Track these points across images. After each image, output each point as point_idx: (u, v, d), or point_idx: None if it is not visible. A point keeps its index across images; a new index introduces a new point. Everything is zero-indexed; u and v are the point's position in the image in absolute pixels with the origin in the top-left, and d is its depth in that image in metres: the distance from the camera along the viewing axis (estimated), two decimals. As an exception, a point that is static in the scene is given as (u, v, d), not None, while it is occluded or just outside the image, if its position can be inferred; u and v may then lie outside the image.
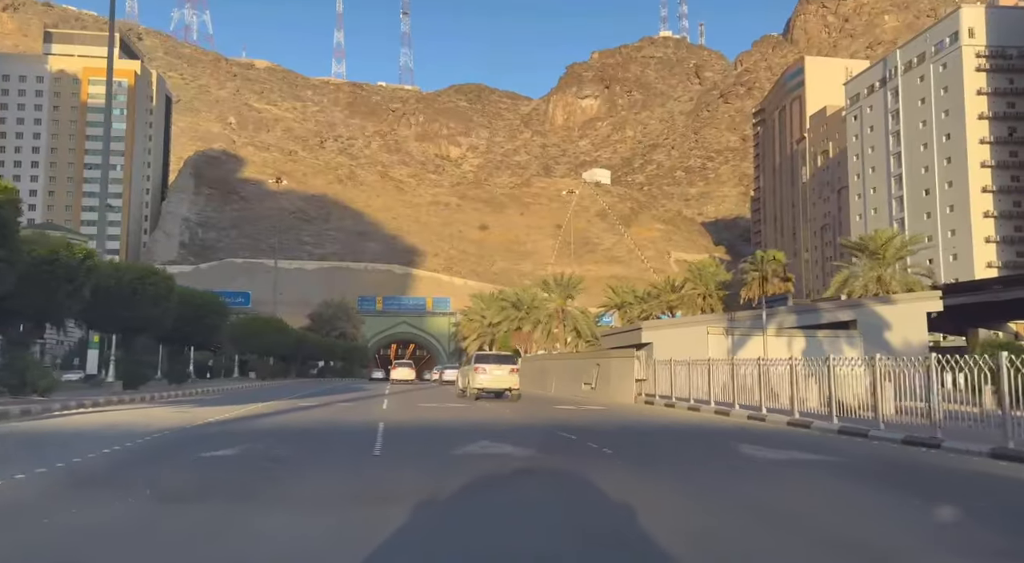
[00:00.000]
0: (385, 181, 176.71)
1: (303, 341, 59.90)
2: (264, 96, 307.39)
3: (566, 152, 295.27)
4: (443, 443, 12.33)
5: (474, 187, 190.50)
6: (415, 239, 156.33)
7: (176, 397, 25.38)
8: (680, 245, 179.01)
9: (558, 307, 55.64)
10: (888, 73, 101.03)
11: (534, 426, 16.60)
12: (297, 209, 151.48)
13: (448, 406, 23.33)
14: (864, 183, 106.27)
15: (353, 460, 10.21)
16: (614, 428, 16.72)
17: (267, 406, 21.43)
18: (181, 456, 10.33)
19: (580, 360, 32.61)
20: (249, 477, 8.54)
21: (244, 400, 24.20)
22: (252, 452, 10.50)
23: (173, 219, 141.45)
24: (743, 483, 8.65)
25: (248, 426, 15.12)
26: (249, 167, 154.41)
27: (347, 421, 17.43)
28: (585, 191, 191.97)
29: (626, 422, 18.28)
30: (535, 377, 40.64)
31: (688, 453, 12.08)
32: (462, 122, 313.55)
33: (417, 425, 16.97)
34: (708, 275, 62.89)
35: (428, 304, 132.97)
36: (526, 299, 69.45)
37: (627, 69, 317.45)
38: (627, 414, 21.11)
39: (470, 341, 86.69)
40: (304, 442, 12.69)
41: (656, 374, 25.73)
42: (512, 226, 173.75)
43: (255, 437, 12.59)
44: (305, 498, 7.18)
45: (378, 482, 8.33)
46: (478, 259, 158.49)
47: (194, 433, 13.42)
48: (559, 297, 55.45)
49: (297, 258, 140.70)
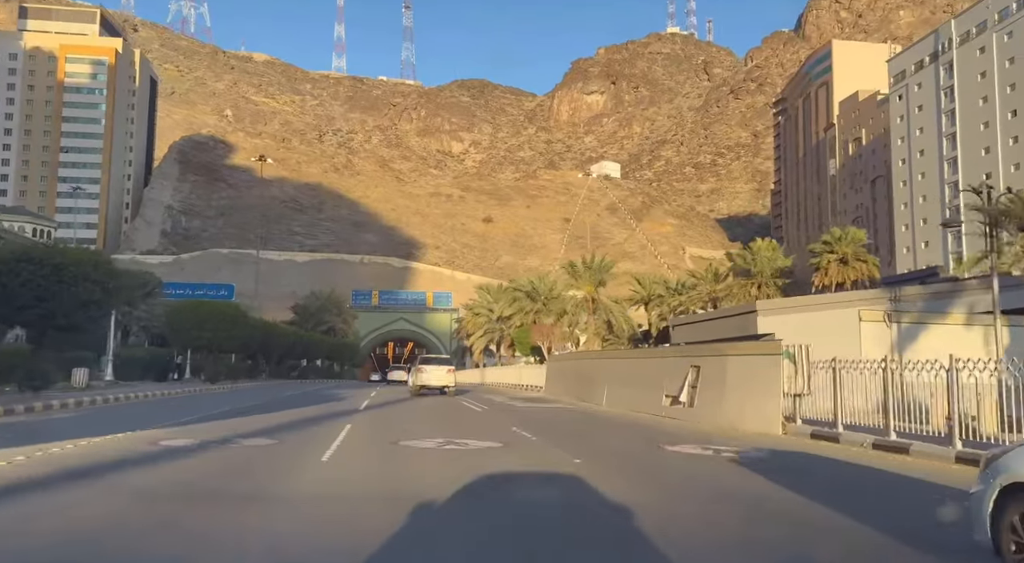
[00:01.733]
0: (384, 171, 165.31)
1: (272, 334, 48.53)
2: (262, 89, 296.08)
3: (571, 148, 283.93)
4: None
5: (477, 179, 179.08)
6: (415, 231, 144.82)
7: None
8: (695, 240, 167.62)
9: (588, 296, 44.17)
10: (940, 46, 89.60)
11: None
12: (289, 198, 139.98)
13: (461, 449, 11.73)
14: (911, 169, 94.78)
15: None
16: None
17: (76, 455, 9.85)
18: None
19: (655, 360, 21.08)
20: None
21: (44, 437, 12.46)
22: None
23: (155, 206, 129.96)
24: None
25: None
26: (239, 153, 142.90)
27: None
28: (594, 184, 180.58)
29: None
30: (572, 382, 29.16)
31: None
32: (465, 117, 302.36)
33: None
34: (764, 260, 51.33)
35: (428, 299, 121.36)
36: (543, 288, 57.98)
37: (634, 65, 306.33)
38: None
39: (475, 338, 75.26)
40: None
41: (814, 384, 14.40)
42: (518, 219, 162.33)
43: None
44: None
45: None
46: (482, 253, 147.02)
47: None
48: (588, 283, 43.92)
49: (288, 249, 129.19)
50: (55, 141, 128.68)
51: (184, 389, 30.16)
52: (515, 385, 45.75)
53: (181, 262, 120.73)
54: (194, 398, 25.47)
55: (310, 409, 20.14)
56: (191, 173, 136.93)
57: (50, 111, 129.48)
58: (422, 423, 16.47)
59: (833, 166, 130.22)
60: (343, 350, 69.61)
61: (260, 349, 49.03)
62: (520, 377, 44.38)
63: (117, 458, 9.72)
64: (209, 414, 17.53)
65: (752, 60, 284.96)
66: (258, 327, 44.38)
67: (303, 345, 61.71)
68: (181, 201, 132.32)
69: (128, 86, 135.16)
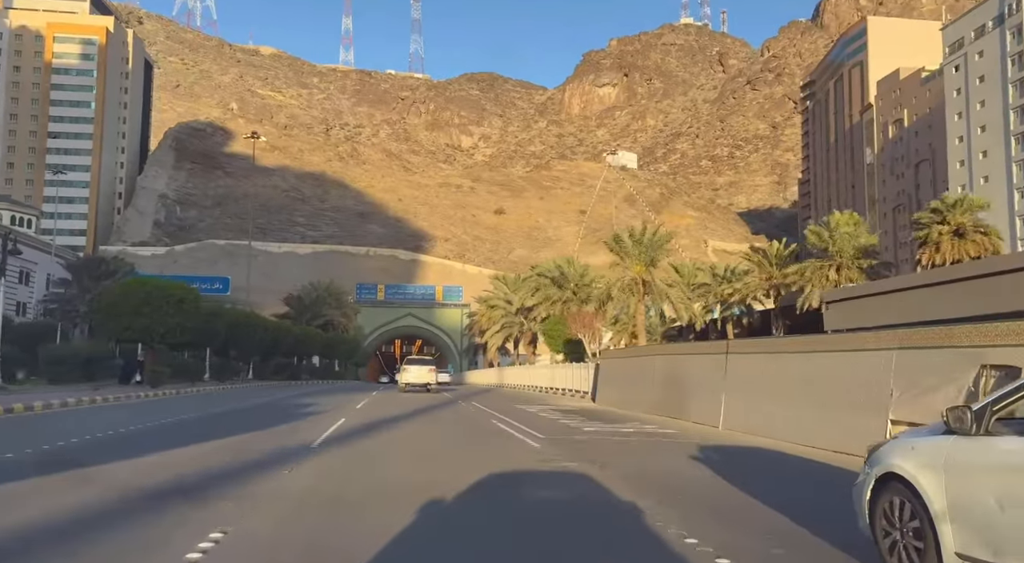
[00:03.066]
0: (390, 160, 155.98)
1: (247, 326, 39.05)
2: (268, 82, 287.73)
3: (583, 141, 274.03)
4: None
5: (488, 170, 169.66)
6: (423, 223, 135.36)
7: None
8: (717, 233, 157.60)
9: (637, 277, 34.44)
10: (1007, 8, 79.49)
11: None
12: (291, 187, 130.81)
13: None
14: (969, 148, 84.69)
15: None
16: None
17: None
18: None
19: (846, 355, 11.32)
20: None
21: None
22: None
23: (148, 196, 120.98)
24: None
25: None
26: (238, 141, 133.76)
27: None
28: (610, 175, 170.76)
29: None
30: (646, 388, 19.71)
31: None
32: (474, 111, 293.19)
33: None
34: (843, 238, 41.53)
35: (438, 294, 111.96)
36: (573, 273, 48.46)
37: (647, 57, 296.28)
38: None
39: (491, 334, 65.84)
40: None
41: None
42: (531, 211, 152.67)
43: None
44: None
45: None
46: (494, 246, 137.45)
47: None
48: (638, 262, 34.23)
49: (288, 241, 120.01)
50: (43, 126, 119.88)
51: (71, 398, 20.72)
52: (546, 389, 36.33)
53: (174, 254, 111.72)
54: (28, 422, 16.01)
55: (205, 447, 10.66)
56: (187, 161, 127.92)
57: (37, 94, 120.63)
58: (428, 503, 6.98)
59: (870, 152, 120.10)
60: (341, 347, 60.09)
61: (232, 343, 39.68)
62: (553, 379, 34.99)
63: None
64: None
65: (769, 50, 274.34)
66: (225, 316, 34.91)
67: (291, 340, 52.33)
68: (176, 190, 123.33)
69: (120, 68, 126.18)
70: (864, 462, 5.06)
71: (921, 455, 4.53)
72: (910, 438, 4.88)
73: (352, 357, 68.15)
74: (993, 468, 4.08)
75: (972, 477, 4.17)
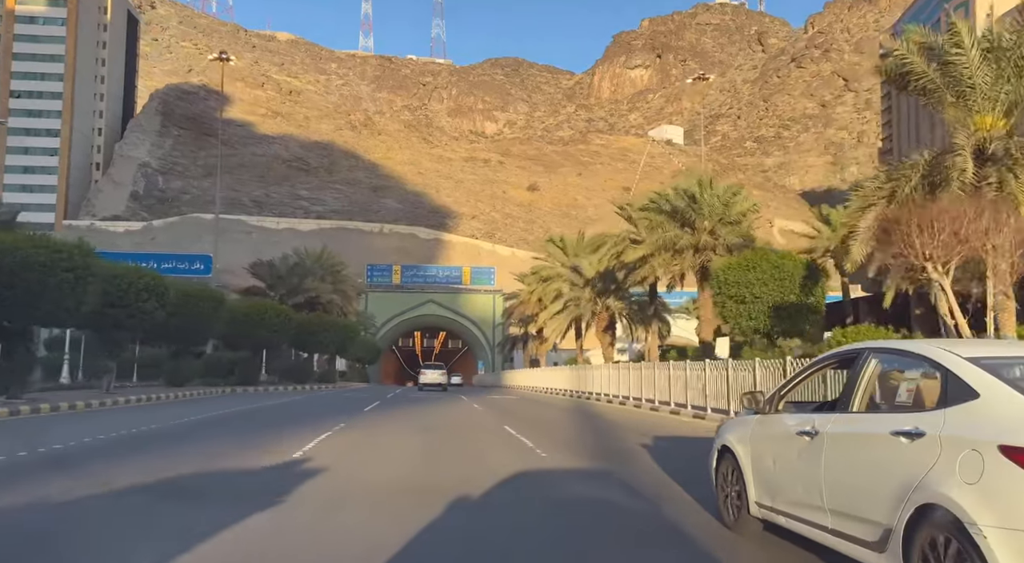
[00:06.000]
0: (409, 131, 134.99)
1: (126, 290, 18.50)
2: (285, 68, 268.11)
3: (614, 126, 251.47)
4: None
5: (518, 143, 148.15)
6: (446, 198, 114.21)
7: None
8: (780, 213, 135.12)
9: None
10: None
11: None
12: (294, 157, 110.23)
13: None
14: None
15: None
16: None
17: None
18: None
19: None
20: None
21: None
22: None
23: (126, 164, 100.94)
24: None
25: None
26: (236, 106, 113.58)
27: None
28: (655, 150, 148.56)
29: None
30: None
31: None
32: (499, 96, 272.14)
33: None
34: None
35: (465, 277, 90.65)
36: (713, 199, 27.21)
37: (681, 37, 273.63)
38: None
39: (547, 317, 44.38)
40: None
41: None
42: (568, 188, 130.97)
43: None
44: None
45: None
46: (528, 225, 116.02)
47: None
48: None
49: (290, 216, 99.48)
50: (4, 84, 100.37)
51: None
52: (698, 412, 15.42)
53: (152, 230, 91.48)
54: None
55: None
56: (175, 127, 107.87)
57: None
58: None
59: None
60: (325, 334, 38.53)
61: (121, 325, 18.95)
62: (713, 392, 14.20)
63: None
64: None
65: (814, 27, 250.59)
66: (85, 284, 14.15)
67: (245, 324, 31.39)
68: (161, 158, 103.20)
69: (97, 19, 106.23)
70: (715, 435, 5.95)
71: (739, 430, 5.51)
72: (739, 418, 5.91)
73: (349, 349, 46.91)
74: (773, 437, 4.98)
75: (762, 445, 5.10)
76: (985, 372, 3.61)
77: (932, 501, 3.34)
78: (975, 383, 3.56)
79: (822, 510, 4.26)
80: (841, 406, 4.44)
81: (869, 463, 3.96)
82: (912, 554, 3.45)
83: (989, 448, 3.19)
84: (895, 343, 4.72)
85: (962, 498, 3.19)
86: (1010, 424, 3.25)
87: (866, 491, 3.89)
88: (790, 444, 4.64)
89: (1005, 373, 3.62)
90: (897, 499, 3.56)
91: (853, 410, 4.32)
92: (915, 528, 3.44)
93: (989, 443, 3.20)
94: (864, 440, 4.10)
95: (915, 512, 3.43)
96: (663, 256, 26.94)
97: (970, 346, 4.29)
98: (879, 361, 4.41)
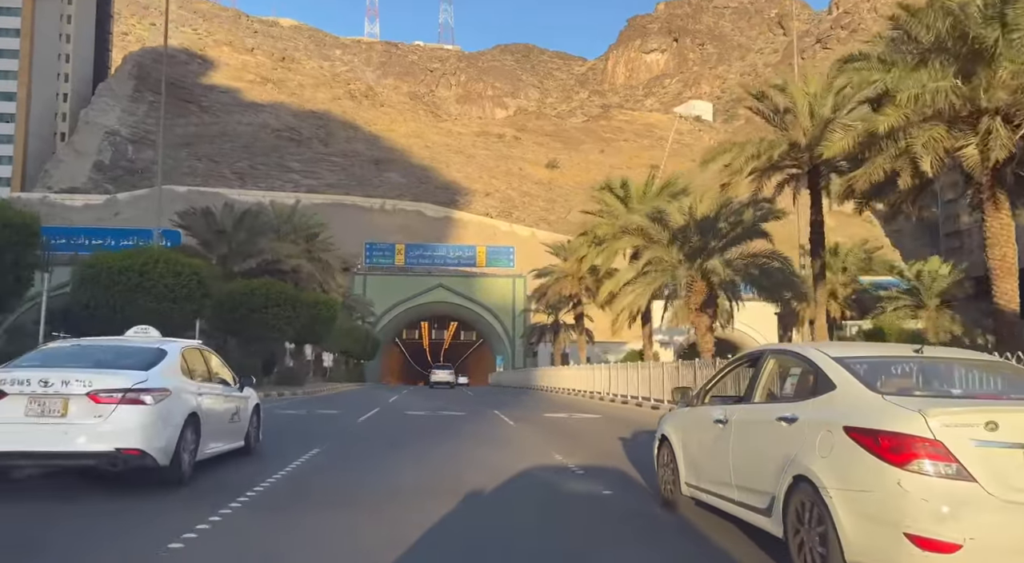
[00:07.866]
0: (415, 103, 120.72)
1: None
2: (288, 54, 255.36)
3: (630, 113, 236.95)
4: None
5: (535, 118, 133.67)
6: (456, 174, 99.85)
7: None
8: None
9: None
10: None
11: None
12: (285, 127, 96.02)
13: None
14: None
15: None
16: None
17: None
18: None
19: None
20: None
21: None
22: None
23: (92, 132, 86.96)
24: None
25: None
26: (221, 71, 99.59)
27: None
28: (683, 127, 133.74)
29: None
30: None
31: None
32: (509, 82, 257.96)
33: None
34: None
35: (479, 258, 76.21)
36: None
37: (698, 20, 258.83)
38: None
39: (614, 288, 29.50)
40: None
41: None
42: (589, 165, 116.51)
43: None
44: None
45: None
46: (548, 204, 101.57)
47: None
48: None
49: (278, 189, 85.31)
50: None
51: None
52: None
53: (116, 204, 77.41)
54: None
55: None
56: (149, 92, 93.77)
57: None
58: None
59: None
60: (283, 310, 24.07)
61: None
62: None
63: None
64: None
65: (839, 7, 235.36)
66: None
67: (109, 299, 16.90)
68: (132, 126, 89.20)
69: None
70: (658, 425, 6.58)
71: (673, 421, 6.25)
72: (675, 410, 6.49)
73: (324, 337, 32.47)
74: (698, 425, 5.62)
75: (690, 433, 5.80)
76: (842, 368, 4.27)
77: (800, 472, 3.99)
78: (834, 377, 4.24)
79: (730, 485, 4.90)
80: (746, 398, 5.10)
81: (761, 444, 4.60)
82: (788, 516, 4.10)
83: (837, 428, 3.85)
84: (787, 346, 5.94)
85: (819, 469, 3.84)
86: (853, 410, 3.91)
87: (759, 467, 4.52)
88: (709, 431, 5.29)
89: (857, 369, 4.27)
90: (779, 472, 4.20)
91: (755, 401, 4.99)
92: (791, 495, 4.08)
93: (837, 424, 3.86)
94: (758, 426, 4.75)
95: (791, 482, 4.06)
96: (934, 130, 12.46)
97: (842, 347, 4.97)
98: (776, 361, 5.15)
